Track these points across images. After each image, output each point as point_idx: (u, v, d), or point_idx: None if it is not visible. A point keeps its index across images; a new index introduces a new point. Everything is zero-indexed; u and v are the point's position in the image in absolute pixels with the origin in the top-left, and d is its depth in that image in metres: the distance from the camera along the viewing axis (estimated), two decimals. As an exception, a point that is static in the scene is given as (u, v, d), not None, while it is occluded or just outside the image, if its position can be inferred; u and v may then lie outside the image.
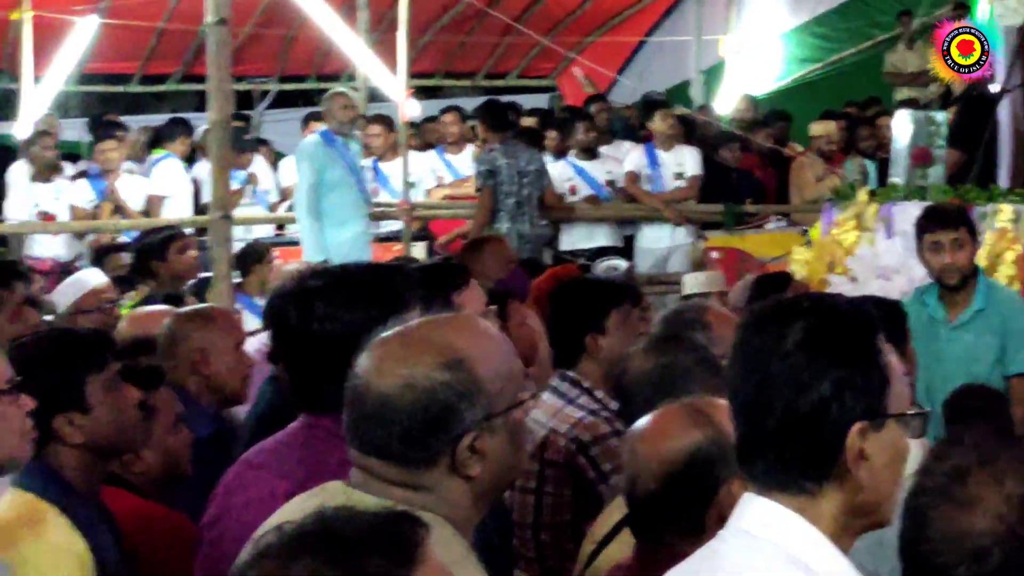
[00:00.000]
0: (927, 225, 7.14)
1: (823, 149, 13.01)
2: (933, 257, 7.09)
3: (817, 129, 13.11)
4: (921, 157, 8.90)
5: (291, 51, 18.09)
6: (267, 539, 1.98)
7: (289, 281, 3.65)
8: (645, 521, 3.26)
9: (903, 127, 9.11)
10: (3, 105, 16.24)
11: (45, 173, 12.80)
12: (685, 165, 12.95)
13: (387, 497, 2.48)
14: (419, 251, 12.34)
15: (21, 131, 13.84)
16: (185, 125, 14.31)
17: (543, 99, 19.42)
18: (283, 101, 18.70)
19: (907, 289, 7.63)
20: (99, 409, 3.86)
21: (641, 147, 13.19)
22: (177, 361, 5.11)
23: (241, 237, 11.46)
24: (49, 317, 7.09)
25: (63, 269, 12.04)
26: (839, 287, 8.40)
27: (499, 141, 12.19)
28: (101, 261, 10.77)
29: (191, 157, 13.95)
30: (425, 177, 13.94)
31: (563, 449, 4.75)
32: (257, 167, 14.11)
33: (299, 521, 2.01)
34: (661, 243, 12.87)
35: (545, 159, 13.41)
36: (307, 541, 1.96)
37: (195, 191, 13.49)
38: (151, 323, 5.64)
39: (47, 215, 12.71)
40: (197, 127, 13.76)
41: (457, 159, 14.22)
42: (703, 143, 13.50)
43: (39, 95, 14.49)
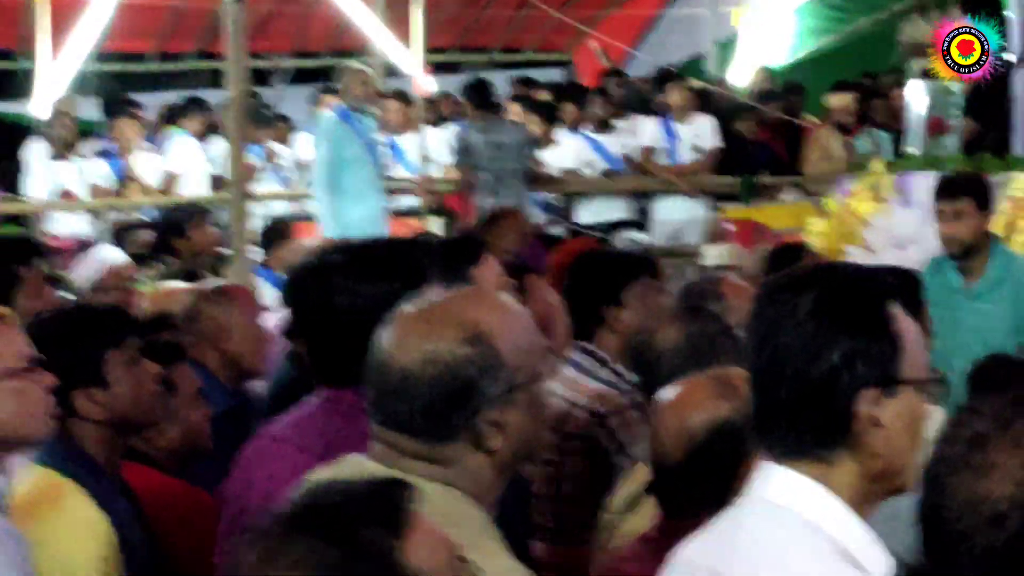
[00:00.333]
0: (936, 195, 7.20)
1: (841, 121, 12.96)
2: (938, 226, 7.14)
3: (834, 101, 13.00)
4: (936, 127, 8.89)
5: (307, 28, 18.06)
6: (261, 521, 2.00)
7: (309, 257, 3.67)
8: (670, 492, 3.27)
9: (918, 97, 9.10)
10: (21, 84, 16.24)
11: (63, 151, 12.82)
12: (702, 137, 12.96)
13: (408, 471, 2.49)
14: (436, 226, 12.35)
15: (37, 110, 13.84)
16: (200, 104, 14.31)
17: (559, 74, 19.36)
18: (299, 77, 18.67)
19: (923, 259, 7.63)
20: (118, 384, 3.88)
21: (657, 120, 13.17)
22: (196, 337, 5.15)
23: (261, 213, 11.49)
24: (68, 295, 7.12)
25: (83, 247, 12.08)
26: (855, 258, 8.40)
27: (483, 119, 12.18)
28: (121, 239, 10.81)
29: (207, 135, 13.95)
30: (441, 152, 13.96)
31: (582, 421, 4.76)
32: (272, 143, 14.13)
33: (290, 501, 2.03)
34: (676, 215, 12.88)
35: (561, 133, 13.41)
36: (300, 521, 1.97)
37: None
38: (170, 300, 5.68)
39: (69, 193, 12.73)
40: (215, 104, 13.77)
41: None
42: (719, 115, 13.47)
43: (55, 74, 14.48)
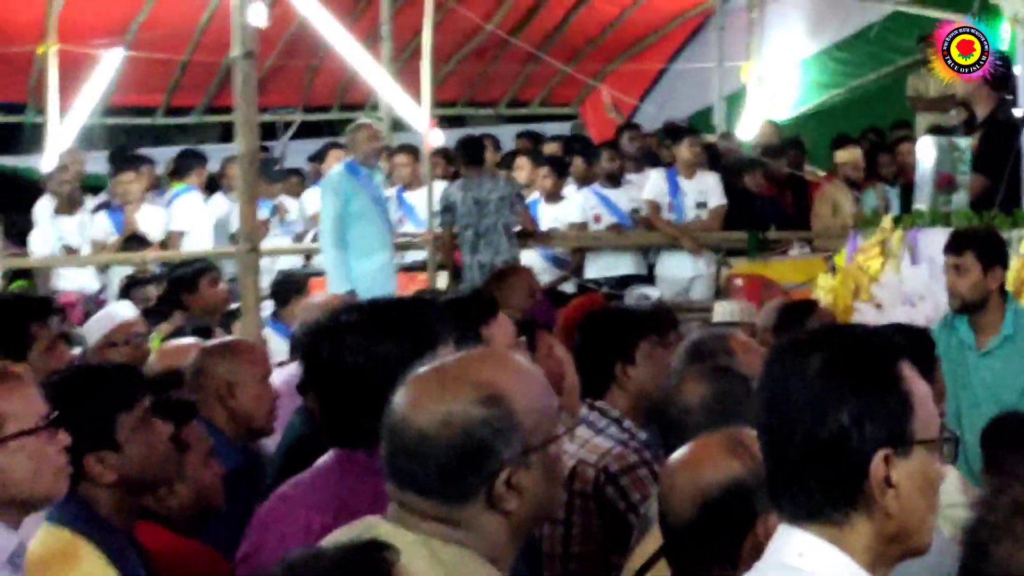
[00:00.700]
0: (943, 249, 7.18)
1: (849, 176, 12.94)
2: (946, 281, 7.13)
3: (842, 156, 12.99)
4: (945, 183, 8.88)
5: (315, 81, 18.15)
6: None
7: (321, 315, 3.67)
8: (681, 551, 3.26)
9: (927, 153, 9.10)
10: (30, 139, 16.31)
11: (67, 207, 12.84)
12: (707, 194, 12.90)
13: (424, 532, 2.49)
14: (443, 280, 12.36)
15: (47, 165, 13.89)
16: (198, 156, 14.21)
17: (566, 127, 19.42)
18: (307, 131, 18.74)
19: (933, 316, 7.61)
20: (130, 446, 3.87)
21: (663, 173, 13.07)
22: (203, 394, 5.13)
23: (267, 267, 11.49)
24: (78, 350, 7.13)
25: (88, 301, 12.09)
26: (864, 314, 8.39)
27: (467, 175, 12.22)
28: (128, 294, 10.80)
29: (210, 186, 13.95)
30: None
31: (592, 479, 4.75)
32: (284, 198, 14.15)
33: (267, 572, 2.02)
34: (683, 271, 12.83)
35: (570, 187, 13.40)
36: None
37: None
38: (180, 356, 5.66)
39: (71, 249, 12.74)
40: (214, 156, 13.79)
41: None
42: (727, 170, 13.46)
43: (65, 128, 14.54)
